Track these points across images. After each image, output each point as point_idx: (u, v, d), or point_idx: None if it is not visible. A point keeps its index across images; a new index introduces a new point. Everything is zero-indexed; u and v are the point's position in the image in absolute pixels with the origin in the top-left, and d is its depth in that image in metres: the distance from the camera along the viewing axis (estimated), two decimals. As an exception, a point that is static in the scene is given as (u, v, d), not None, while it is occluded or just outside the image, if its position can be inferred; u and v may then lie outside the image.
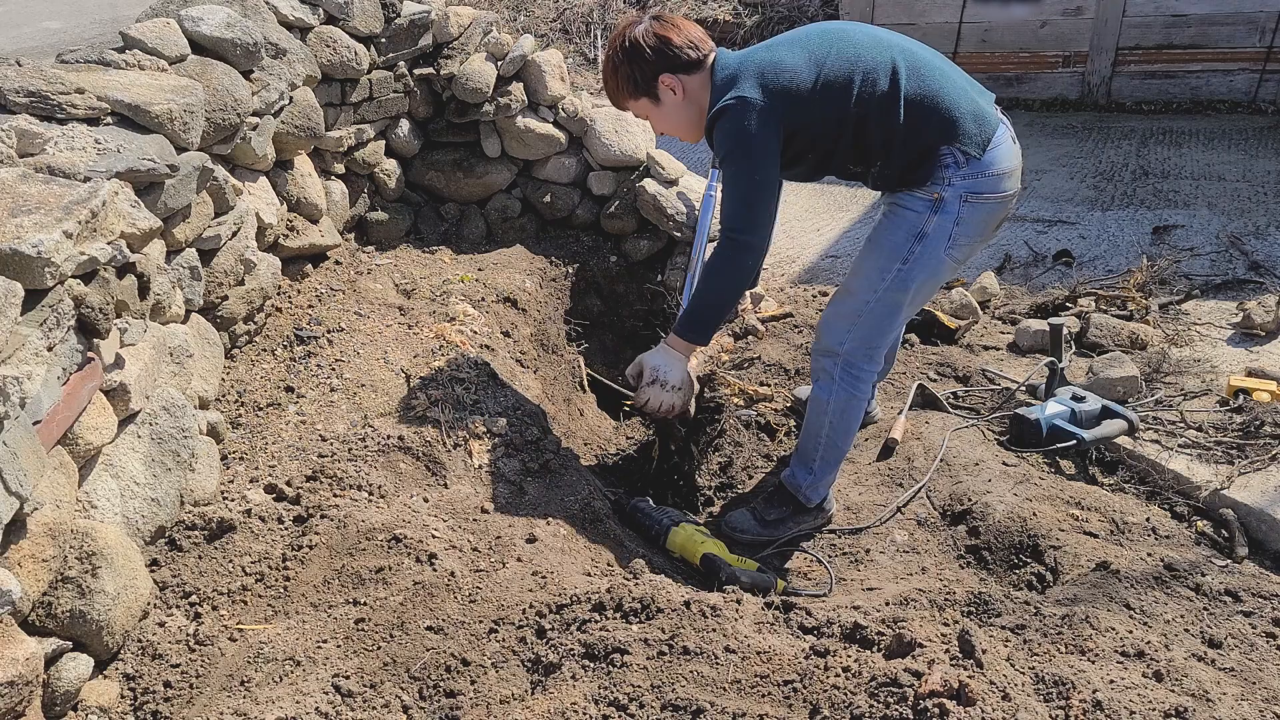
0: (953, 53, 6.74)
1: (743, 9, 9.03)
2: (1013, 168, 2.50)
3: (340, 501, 2.34)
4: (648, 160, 3.94)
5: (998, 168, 2.46)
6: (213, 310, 2.71)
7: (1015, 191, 2.54)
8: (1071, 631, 1.99)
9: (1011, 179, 2.50)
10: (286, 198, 3.17)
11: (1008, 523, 2.66)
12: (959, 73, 2.53)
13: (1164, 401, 3.17)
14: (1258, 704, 1.84)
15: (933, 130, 2.41)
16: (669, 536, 2.67)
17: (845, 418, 2.71)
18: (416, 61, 3.75)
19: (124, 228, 1.99)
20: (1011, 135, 2.52)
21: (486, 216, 4.02)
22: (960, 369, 3.51)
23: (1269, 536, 2.61)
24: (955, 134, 2.41)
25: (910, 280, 2.53)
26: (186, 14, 2.76)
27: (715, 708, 1.67)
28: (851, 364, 2.64)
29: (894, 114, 2.38)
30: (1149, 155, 5.60)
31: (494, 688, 1.84)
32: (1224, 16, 6.07)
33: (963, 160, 2.42)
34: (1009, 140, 2.50)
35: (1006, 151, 2.48)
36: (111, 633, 1.84)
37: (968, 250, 2.57)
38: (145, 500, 2.07)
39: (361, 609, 2.02)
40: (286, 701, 1.76)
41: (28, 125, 2.08)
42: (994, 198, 2.48)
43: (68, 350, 1.79)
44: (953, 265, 2.58)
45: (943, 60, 2.54)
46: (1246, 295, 3.83)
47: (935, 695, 1.55)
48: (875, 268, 2.55)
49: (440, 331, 3.12)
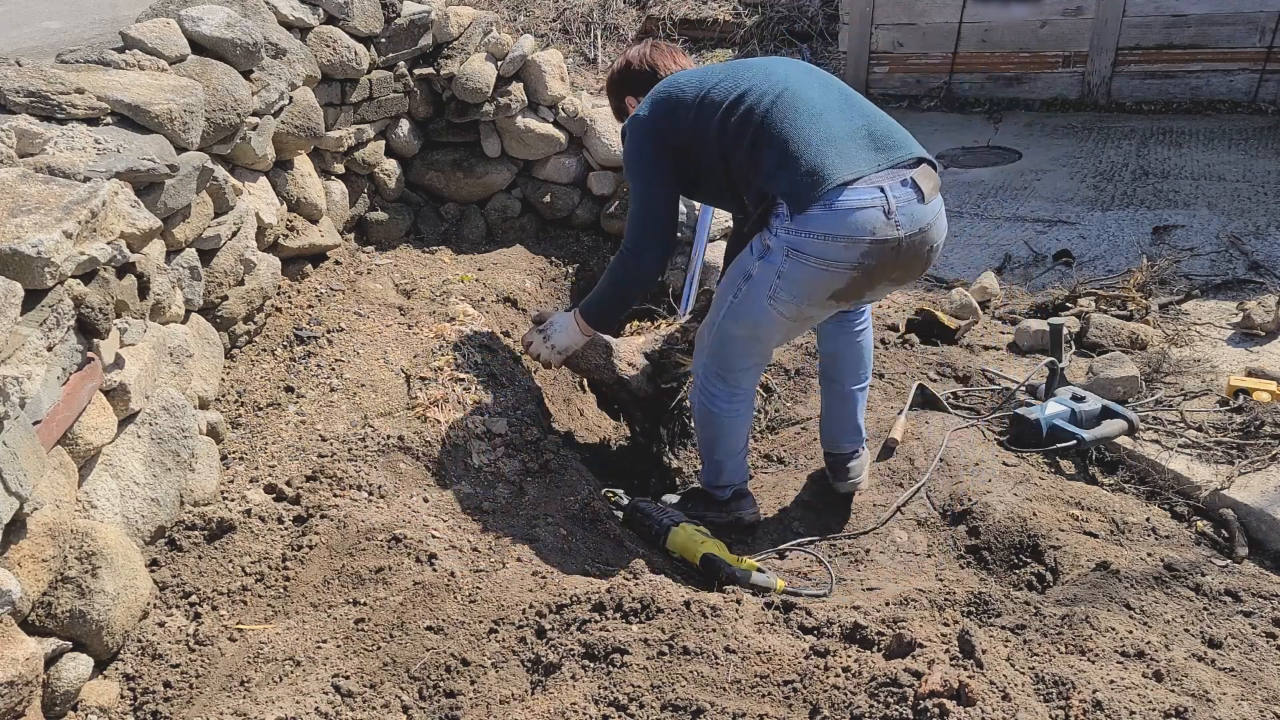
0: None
1: (743, 9, 9.02)
2: (862, 238, 2.22)
3: (340, 501, 2.34)
4: (648, 160, 3.94)
5: (826, 230, 2.23)
6: (213, 310, 2.71)
7: (862, 265, 2.26)
8: (1071, 631, 1.99)
9: (856, 249, 2.23)
10: (286, 198, 3.17)
11: (1008, 523, 2.66)
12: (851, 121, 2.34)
13: (1164, 401, 3.17)
14: (1258, 704, 1.84)
15: (765, 172, 2.31)
16: (669, 536, 2.67)
17: (708, 428, 2.73)
18: (416, 61, 3.75)
19: (124, 228, 1.99)
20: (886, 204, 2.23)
21: (486, 216, 4.02)
22: (960, 369, 3.51)
23: (1269, 536, 2.61)
24: (782, 182, 2.27)
25: (738, 317, 2.47)
26: (186, 14, 2.76)
27: (715, 708, 1.67)
28: (708, 379, 2.66)
29: (742, 144, 2.35)
30: (1149, 155, 5.60)
31: (494, 688, 1.84)
32: (1224, 16, 6.07)
33: (787, 213, 2.27)
34: (871, 207, 2.22)
35: (855, 219, 2.21)
36: (111, 633, 1.84)
37: (798, 309, 2.39)
38: (145, 500, 2.07)
39: (361, 609, 2.02)
40: (286, 701, 1.76)
41: (28, 125, 2.08)
42: (820, 263, 2.26)
43: (68, 350, 1.79)
44: (784, 320, 2.42)
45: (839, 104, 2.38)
46: (1246, 295, 3.83)
47: (935, 695, 1.55)
48: (719, 292, 2.58)
49: (440, 331, 3.12)
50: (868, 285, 2.36)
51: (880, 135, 2.35)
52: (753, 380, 2.73)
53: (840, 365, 2.84)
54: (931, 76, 6.84)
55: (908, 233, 2.27)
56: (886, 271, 2.33)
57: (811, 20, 8.71)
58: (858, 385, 2.86)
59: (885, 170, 2.28)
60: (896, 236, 2.25)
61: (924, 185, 2.30)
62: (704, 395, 2.70)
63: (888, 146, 2.33)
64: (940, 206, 2.38)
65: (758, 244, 2.40)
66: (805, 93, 2.38)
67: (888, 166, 2.29)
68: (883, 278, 2.36)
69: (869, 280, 2.33)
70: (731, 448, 2.77)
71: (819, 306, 2.42)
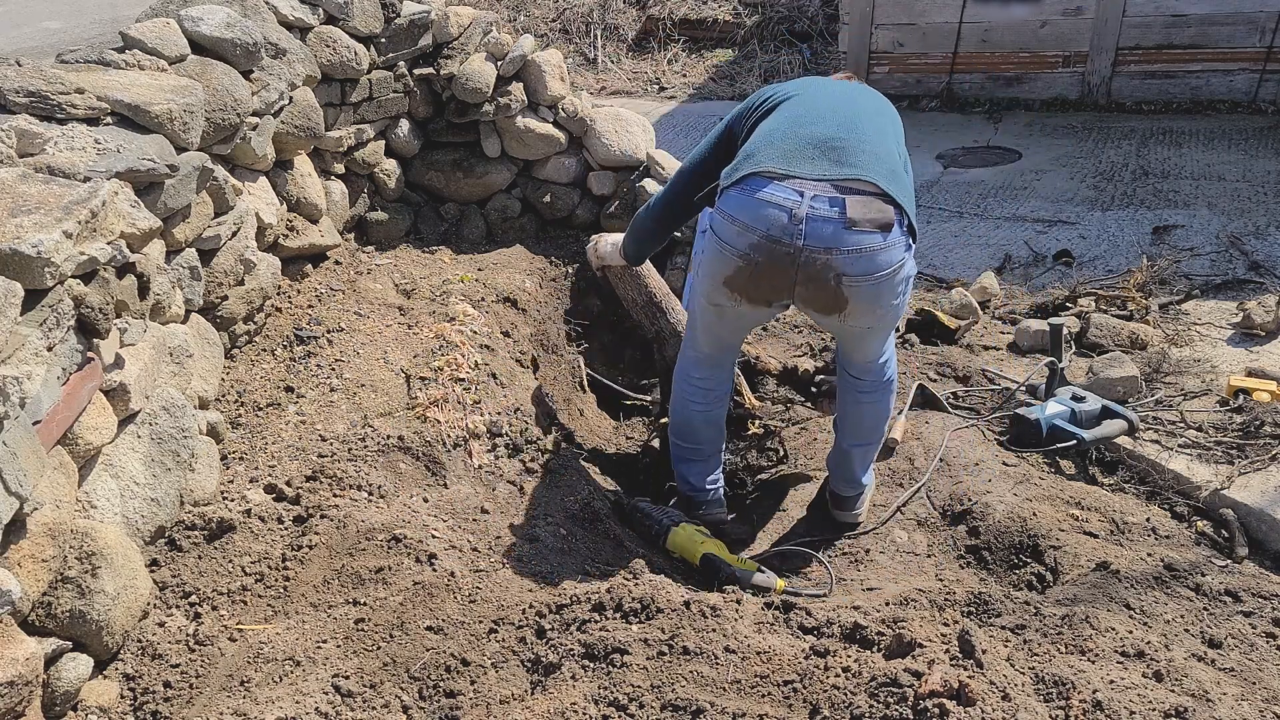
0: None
1: (743, 9, 9.02)
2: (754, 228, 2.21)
3: (340, 501, 2.34)
4: (648, 160, 3.94)
5: (730, 210, 2.27)
6: (213, 310, 2.71)
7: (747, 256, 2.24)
8: (1071, 631, 1.99)
9: (745, 239, 2.23)
10: (286, 198, 3.17)
11: (1008, 523, 2.66)
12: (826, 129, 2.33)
13: (1164, 401, 3.17)
14: (1258, 704, 1.84)
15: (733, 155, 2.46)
16: (669, 536, 2.67)
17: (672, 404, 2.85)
18: (416, 61, 3.75)
19: (124, 228, 1.99)
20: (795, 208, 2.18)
21: (486, 216, 4.02)
22: (960, 369, 3.51)
23: (1269, 536, 2.61)
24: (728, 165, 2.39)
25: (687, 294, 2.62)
26: (186, 14, 2.76)
27: (715, 708, 1.67)
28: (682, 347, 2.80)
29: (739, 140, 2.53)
30: (1149, 155, 5.60)
31: (494, 688, 1.84)
32: (1224, 16, 6.07)
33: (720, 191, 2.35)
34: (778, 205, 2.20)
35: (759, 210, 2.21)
36: (111, 633, 1.84)
37: (707, 290, 2.41)
38: (145, 500, 2.07)
39: (361, 609, 2.02)
40: (286, 701, 1.76)
41: (28, 125, 2.08)
42: (717, 243, 2.31)
43: (68, 350, 1.79)
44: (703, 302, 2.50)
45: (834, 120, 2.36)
46: (1246, 295, 3.83)
47: (935, 695, 1.55)
48: None
49: (440, 331, 3.12)
50: (757, 285, 2.31)
51: (847, 151, 2.27)
52: (703, 371, 2.72)
53: (842, 421, 2.77)
54: (931, 76, 6.84)
55: (809, 245, 2.18)
56: (780, 279, 2.26)
57: (811, 20, 8.71)
58: (854, 444, 2.74)
59: (824, 182, 2.21)
60: (794, 244, 2.18)
61: (853, 211, 2.19)
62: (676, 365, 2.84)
63: (844, 163, 2.25)
64: (871, 244, 2.20)
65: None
66: (808, 101, 2.45)
67: (830, 179, 2.22)
68: (778, 287, 2.29)
69: (757, 279, 2.28)
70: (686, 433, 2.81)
71: (719, 294, 2.39)
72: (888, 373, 2.65)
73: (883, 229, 2.21)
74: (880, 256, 2.22)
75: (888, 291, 2.29)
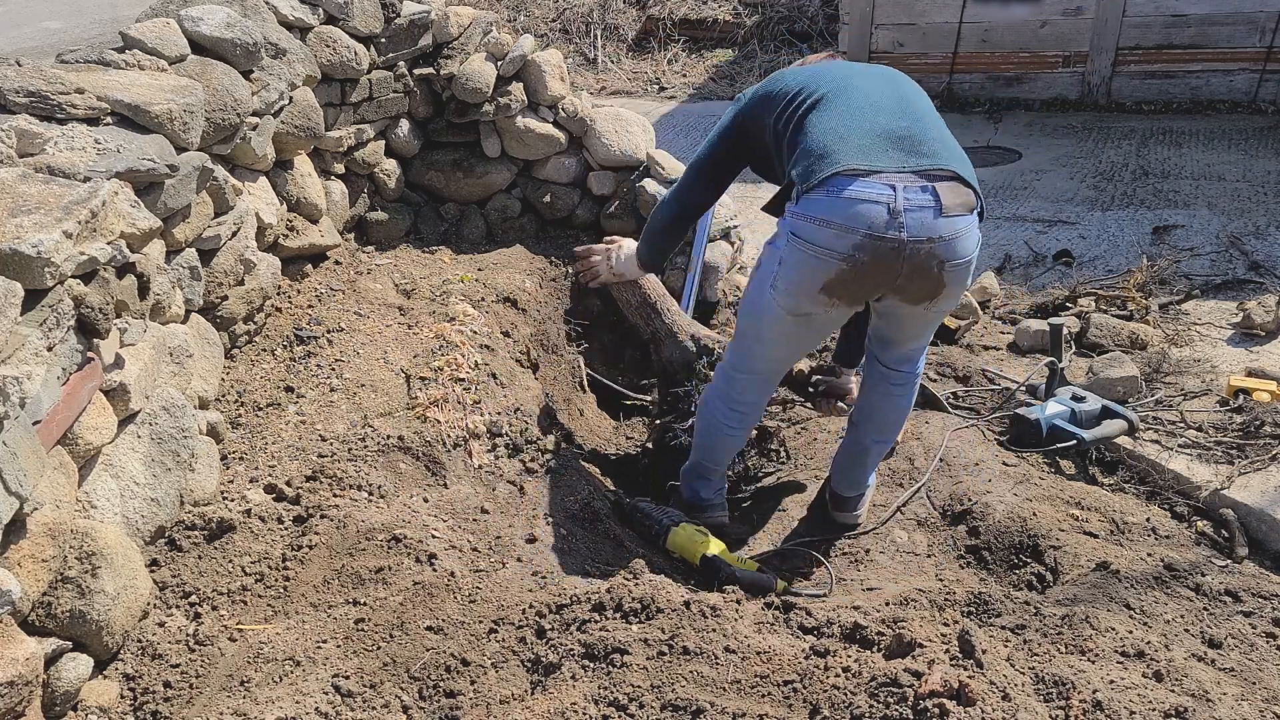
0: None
1: (743, 9, 9.02)
2: (855, 229, 2.17)
3: (340, 501, 2.34)
4: (648, 160, 3.94)
5: (822, 214, 2.20)
6: (213, 310, 2.71)
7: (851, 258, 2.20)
8: (1071, 631, 1.99)
9: (847, 240, 2.18)
10: (286, 198, 3.17)
11: (1008, 523, 2.66)
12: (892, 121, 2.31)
13: (1164, 401, 3.17)
14: (1258, 704, 1.84)
15: (793, 157, 2.34)
16: (669, 536, 2.67)
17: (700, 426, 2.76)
18: (416, 61, 3.75)
19: (124, 228, 1.99)
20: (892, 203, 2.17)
21: (486, 216, 4.02)
22: (960, 369, 3.51)
23: (1269, 536, 2.61)
24: (799, 164, 2.28)
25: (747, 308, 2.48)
26: (186, 14, 2.76)
27: (715, 708, 1.67)
28: (719, 370, 2.69)
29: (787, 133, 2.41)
30: (1149, 155, 5.60)
31: (494, 688, 1.84)
32: (1224, 16, 6.07)
33: (796, 196, 2.27)
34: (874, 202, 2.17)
35: (855, 210, 2.17)
36: (111, 633, 1.84)
37: (795, 303, 2.32)
38: (145, 500, 2.07)
39: (361, 609, 2.02)
40: (286, 701, 1.76)
41: (28, 125, 2.08)
42: (812, 249, 2.23)
43: (68, 350, 1.79)
44: (782, 315, 2.36)
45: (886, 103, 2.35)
46: (1246, 295, 3.83)
47: (935, 695, 1.55)
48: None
49: (440, 331, 3.12)
50: (860, 286, 2.28)
51: (918, 140, 2.28)
52: (751, 394, 2.64)
53: (867, 417, 2.73)
54: (931, 76, 6.84)
55: (912, 238, 2.18)
56: (885, 276, 2.25)
57: (811, 20, 8.72)
58: (876, 440, 2.75)
59: (907, 173, 2.22)
60: (899, 238, 2.17)
61: (945, 198, 2.21)
62: (711, 388, 2.75)
63: (921, 153, 2.26)
64: (965, 226, 2.25)
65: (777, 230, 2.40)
66: (858, 91, 2.36)
67: (911, 170, 2.22)
68: (882, 283, 2.27)
69: (861, 279, 2.25)
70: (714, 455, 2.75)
71: (813, 301, 2.31)
72: (920, 364, 2.71)
73: (969, 211, 2.28)
74: (972, 238, 2.30)
75: (971, 272, 2.39)
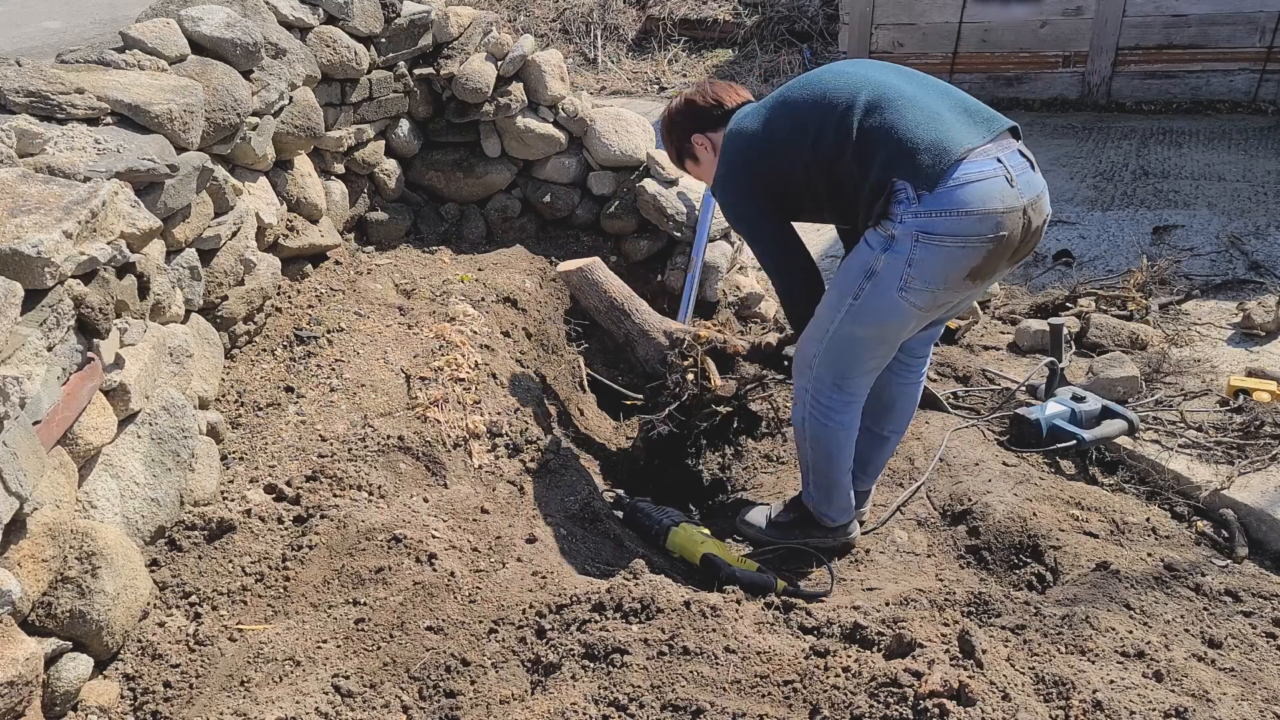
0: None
1: (743, 9, 9.03)
2: (993, 208, 2.19)
3: (340, 501, 2.34)
4: (648, 160, 3.94)
5: (962, 207, 2.18)
6: (213, 310, 2.71)
7: (997, 236, 2.22)
8: (1071, 631, 1.99)
9: (989, 221, 2.19)
10: (286, 198, 3.17)
11: (1008, 523, 2.66)
12: (944, 100, 2.34)
13: (1164, 401, 3.17)
14: (1258, 704, 1.84)
15: (880, 163, 2.25)
16: (669, 536, 2.67)
17: (821, 447, 2.61)
18: (416, 61, 3.75)
19: (124, 228, 1.99)
20: (1006, 173, 2.23)
21: (486, 216, 4.02)
22: (960, 369, 3.51)
23: (1269, 536, 2.61)
24: (903, 167, 2.21)
25: (862, 318, 2.38)
26: (186, 14, 2.76)
27: (715, 708, 1.67)
28: (820, 391, 2.54)
29: (846, 151, 2.30)
30: (1149, 155, 5.60)
31: (494, 688, 1.84)
32: (1224, 16, 6.08)
33: (914, 196, 2.20)
34: (994, 177, 2.21)
35: (983, 190, 2.19)
36: (111, 633, 1.84)
37: (933, 297, 2.32)
38: (145, 500, 2.07)
39: (361, 609, 2.02)
40: (286, 701, 1.76)
41: (28, 125, 2.08)
42: (954, 241, 2.21)
43: (68, 350, 1.79)
44: (917, 311, 2.34)
45: (926, 88, 2.37)
46: (1246, 295, 3.83)
47: (935, 695, 1.55)
48: (832, 298, 2.45)
49: (440, 331, 3.12)
50: (1000, 259, 2.29)
51: (974, 110, 2.35)
52: (868, 385, 2.60)
53: (887, 410, 2.73)
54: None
55: (1030, 200, 2.26)
56: (1016, 245, 2.29)
57: (811, 20, 8.72)
58: (894, 430, 2.77)
59: (991, 142, 2.27)
60: (1022, 204, 2.24)
61: (1030, 154, 2.33)
62: (817, 410, 2.56)
63: (985, 119, 2.33)
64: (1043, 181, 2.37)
65: (877, 236, 2.29)
66: (890, 85, 2.35)
67: (991, 139, 2.27)
68: (1015, 251, 2.33)
69: (1003, 253, 2.27)
70: (847, 463, 2.65)
71: (956, 289, 2.33)
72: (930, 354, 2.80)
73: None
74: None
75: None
